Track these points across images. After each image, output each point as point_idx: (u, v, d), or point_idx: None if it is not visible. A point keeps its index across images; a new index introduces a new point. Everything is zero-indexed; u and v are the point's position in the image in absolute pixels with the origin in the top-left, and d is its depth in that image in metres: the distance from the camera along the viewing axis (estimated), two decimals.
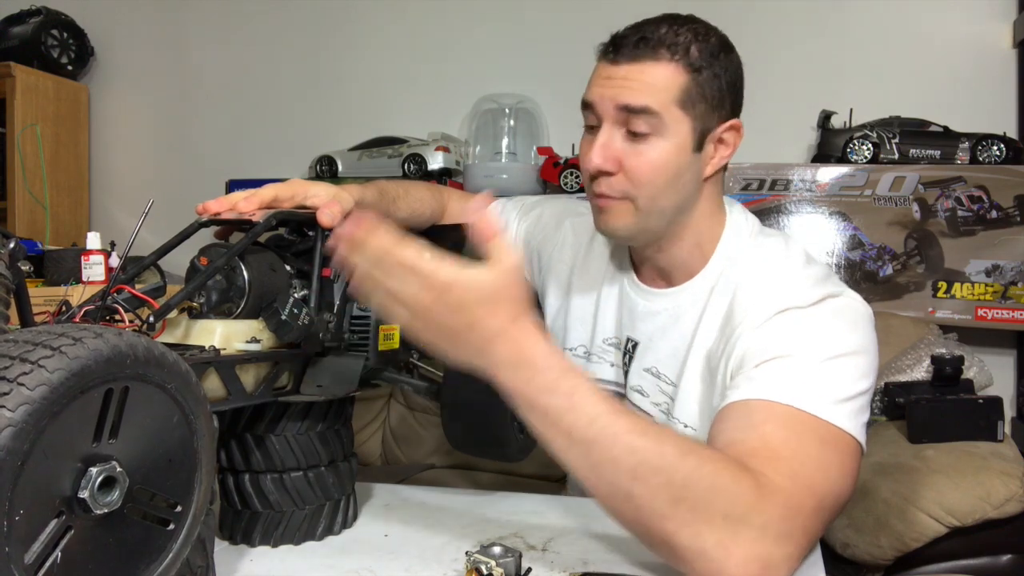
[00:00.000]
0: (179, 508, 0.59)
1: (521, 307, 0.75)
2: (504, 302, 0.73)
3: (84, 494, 0.51)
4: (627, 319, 1.12)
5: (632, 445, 0.74)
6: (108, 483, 0.52)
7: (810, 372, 0.86)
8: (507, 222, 1.30)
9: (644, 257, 1.09)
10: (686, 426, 1.01)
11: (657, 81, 0.94)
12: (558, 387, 0.75)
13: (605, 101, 0.96)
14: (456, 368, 0.93)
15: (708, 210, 1.05)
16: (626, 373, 1.11)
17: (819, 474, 0.81)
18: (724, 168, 1.05)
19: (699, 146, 0.98)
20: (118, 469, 0.53)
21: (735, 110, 1.01)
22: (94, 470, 0.51)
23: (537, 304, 1.21)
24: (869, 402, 0.90)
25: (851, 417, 0.85)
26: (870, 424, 0.90)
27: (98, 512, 0.52)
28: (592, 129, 1.01)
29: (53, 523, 0.50)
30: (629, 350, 1.11)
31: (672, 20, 0.98)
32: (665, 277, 1.08)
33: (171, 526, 0.58)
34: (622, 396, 1.11)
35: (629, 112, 0.95)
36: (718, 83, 0.97)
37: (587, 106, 1.00)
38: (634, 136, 0.96)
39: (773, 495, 0.76)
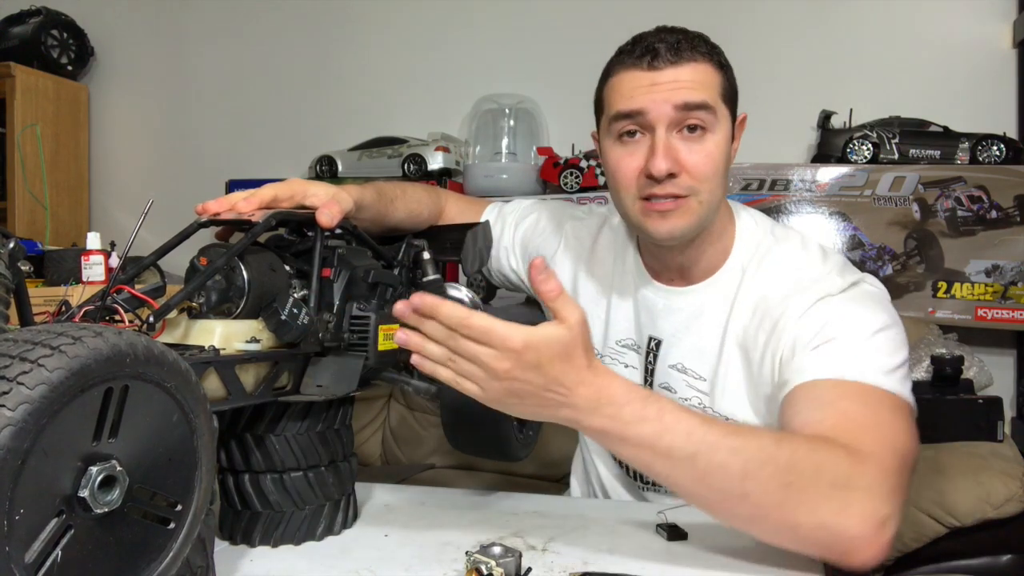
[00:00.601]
0: (179, 507, 0.59)
1: (592, 353, 0.79)
2: (577, 353, 0.77)
3: (84, 493, 0.51)
4: (647, 319, 1.14)
5: (733, 446, 0.78)
6: (108, 482, 0.52)
7: (862, 349, 0.92)
8: (503, 226, 1.31)
9: (668, 258, 1.10)
10: (727, 418, 1.04)
11: (705, 78, 1.00)
12: (646, 414, 0.79)
13: (659, 105, 0.99)
14: None
15: (726, 206, 1.10)
16: (651, 372, 1.13)
17: (898, 437, 0.86)
18: None
19: (731, 138, 1.04)
20: (118, 468, 0.53)
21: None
22: (94, 469, 0.51)
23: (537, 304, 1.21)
24: (909, 369, 0.96)
25: (903, 383, 0.93)
26: None
27: (98, 511, 0.52)
28: (629, 136, 1.02)
29: (53, 522, 0.50)
30: (653, 349, 1.13)
31: (673, 29, 1.02)
32: (684, 276, 1.11)
33: (171, 525, 0.58)
34: None
35: (687, 110, 0.98)
36: (734, 80, 1.04)
37: (628, 116, 1.01)
38: (691, 133, 1.00)
39: (867, 460, 0.80)
